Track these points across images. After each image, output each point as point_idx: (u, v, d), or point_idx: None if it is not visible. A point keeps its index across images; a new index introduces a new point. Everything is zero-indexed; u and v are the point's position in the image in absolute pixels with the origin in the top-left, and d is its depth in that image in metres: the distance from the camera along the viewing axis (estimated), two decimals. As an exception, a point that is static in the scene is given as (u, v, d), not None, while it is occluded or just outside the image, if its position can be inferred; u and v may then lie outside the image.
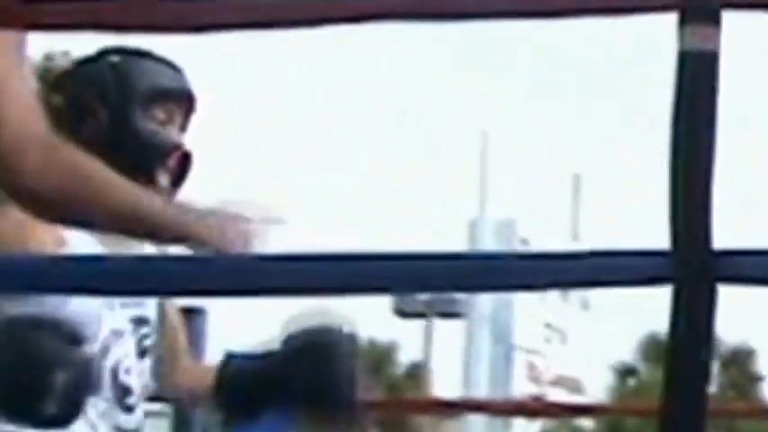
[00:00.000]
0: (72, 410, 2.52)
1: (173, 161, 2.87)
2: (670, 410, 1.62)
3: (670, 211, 1.60)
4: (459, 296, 20.55)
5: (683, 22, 1.57)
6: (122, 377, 2.84)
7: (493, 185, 18.84)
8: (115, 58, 2.83)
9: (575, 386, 20.75)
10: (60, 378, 2.45)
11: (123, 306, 2.83)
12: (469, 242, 17.41)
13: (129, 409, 2.84)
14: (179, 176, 2.90)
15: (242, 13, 1.80)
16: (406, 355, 23.34)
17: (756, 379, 26.38)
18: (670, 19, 1.57)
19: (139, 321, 2.87)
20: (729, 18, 1.58)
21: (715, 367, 24.44)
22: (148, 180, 2.76)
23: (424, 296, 23.34)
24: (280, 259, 1.92)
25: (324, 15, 1.78)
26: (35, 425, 2.54)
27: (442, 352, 22.69)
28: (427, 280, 1.84)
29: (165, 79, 2.86)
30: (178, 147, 2.85)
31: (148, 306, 2.90)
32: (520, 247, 16.98)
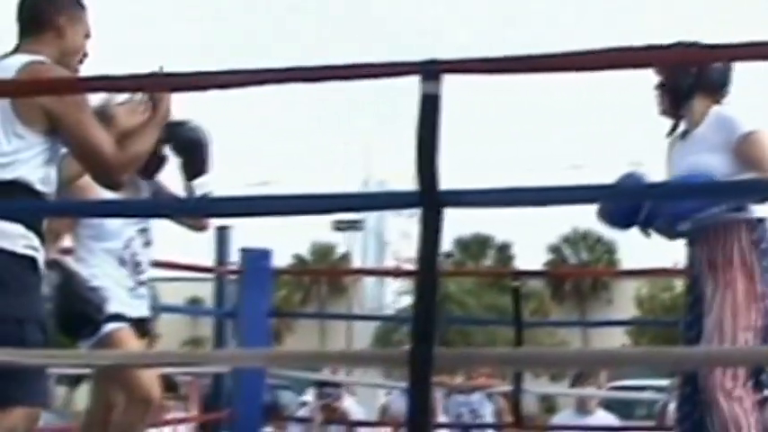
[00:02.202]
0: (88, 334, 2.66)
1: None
2: (419, 273, 1.62)
3: (418, 176, 1.61)
4: (360, 218, 20.44)
5: (422, 80, 1.61)
6: (136, 258, 2.85)
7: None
8: None
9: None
10: (88, 328, 2.61)
11: (133, 223, 2.84)
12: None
13: (140, 274, 2.86)
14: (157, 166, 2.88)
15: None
16: (340, 249, 23.24)
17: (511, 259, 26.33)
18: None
19: (143, 230, 2.87)
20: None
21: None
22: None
23: (348, 217, 22.92)
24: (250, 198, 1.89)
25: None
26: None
27: (355, 246, 22.70)
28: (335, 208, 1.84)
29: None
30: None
31: (148, 222, 2.89)
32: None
